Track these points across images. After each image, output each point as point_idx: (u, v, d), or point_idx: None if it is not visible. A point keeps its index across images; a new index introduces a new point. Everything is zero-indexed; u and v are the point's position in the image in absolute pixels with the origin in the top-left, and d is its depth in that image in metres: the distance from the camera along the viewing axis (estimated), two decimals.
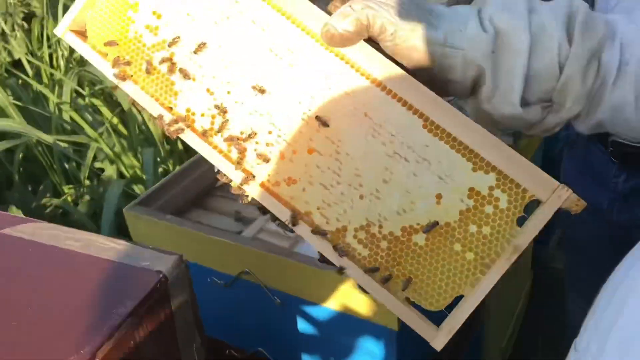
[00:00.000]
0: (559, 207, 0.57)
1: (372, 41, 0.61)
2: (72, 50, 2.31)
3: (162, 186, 1.26)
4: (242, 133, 0.62)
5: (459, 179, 0.59)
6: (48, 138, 1.60)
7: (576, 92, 0.61)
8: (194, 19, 0.65)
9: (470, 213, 0.58)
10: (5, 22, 2.19)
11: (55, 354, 0.48)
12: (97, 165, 1.97)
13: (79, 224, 1.79)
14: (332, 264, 0.59)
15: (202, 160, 1.37)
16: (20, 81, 2.14)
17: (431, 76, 0.61)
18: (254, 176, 0.61)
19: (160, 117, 0.63)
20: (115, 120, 1.89)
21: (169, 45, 0.64)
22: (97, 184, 1.96)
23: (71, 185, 1.94)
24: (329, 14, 0.62)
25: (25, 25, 2.41)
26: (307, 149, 0.61)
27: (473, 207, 0.58)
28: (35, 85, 1.95)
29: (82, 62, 2.27)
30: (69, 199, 1.88)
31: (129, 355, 0.51)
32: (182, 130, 0.62)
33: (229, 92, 0.63)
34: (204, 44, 0.64)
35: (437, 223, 0.58)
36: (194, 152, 0.67)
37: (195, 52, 0.64)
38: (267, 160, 0.61)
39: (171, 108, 0.63)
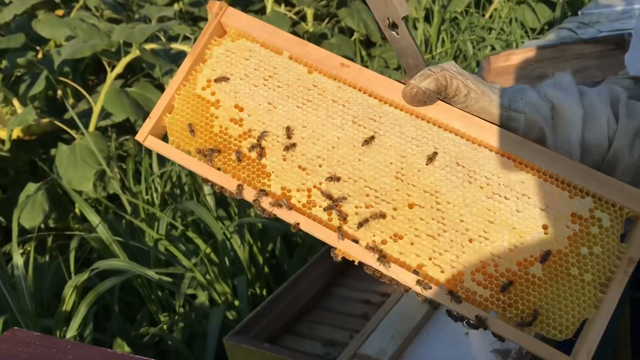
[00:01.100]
0: None
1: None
2: (165, 185, 2.51)
3: (257, 314, 1.32)
4: (339, 199, 0.67)
5: (559, 207, 0.62)
6: (152, 274, 1.72)
7: (625, 164, 0.67)
8: (276, 107, 0.72)
9: (578, 237, 0.61)
10: (108, 164, 2.42)
11: None
12: (190, 291, 2.08)
13: (175, 350, 1.86)
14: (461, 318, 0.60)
15: (292, 287, 1.44)
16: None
17: None
18: (357, 240, 0.64)
19: (257, 201, 0.67)
20: (208, 250, 2.01)
21: (258, 140, 0.70)
22: (189, 309, 2.06)
23: (166, 313, 2.04)
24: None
25: (123, 165, 2.64)
26: (407, 204, 0.65)
27: (579, 231, 0.61)
28: (135, 221, 2.12)
29: (174, 196, 2.45)
30: (165, 327, 1.97)
31: None
32: (281, 206, 0.66)
33: (320, 166, 0.69)
34: (291, 127, 0.70)
35: (549, 252, 0.60)
36: (281, 277, 0.70)
37: (283, 136, 0.70)
38: (369, 221, 0.64)
39: (266, 190, 0.68)
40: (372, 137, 0.69)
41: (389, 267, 0.62)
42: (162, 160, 2.51)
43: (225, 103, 0.74)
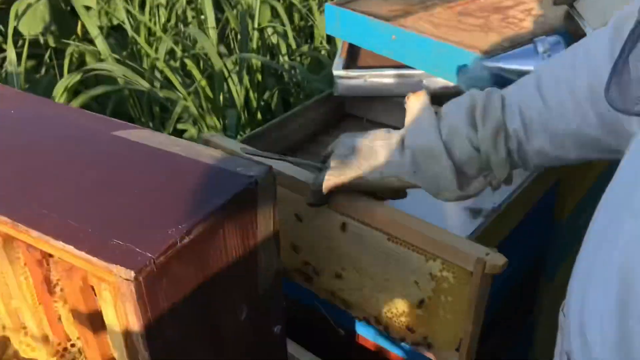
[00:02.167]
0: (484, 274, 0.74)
1: None
2: (169, 17, 2.44)
3: (245, 140, 1.33)
4: None
5: (422, 269, 0.79)
6: (145, 84, 1.71)
7: (496, 162, 0.78)
8: None
9: (438, 290, 0.79)
10: None
11: (156, 225, 0.54)
12: (180, 126, 2.08)
13: None
14: None
15: (280, 126, 1.44)
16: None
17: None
18: None
19: None
20: (203, 82, 1.99)
21: None
22: None
23: None
24: None
25: None
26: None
27: (437, 285, 0.79)
28: (135, 37, 2.07)
29: (177, 26, 2.39)
30: None
31: (217, 242, 0.58)
32: None
33: None
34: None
35: (423, 299, 0.81)
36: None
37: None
38: None
39: None
40: None
41: None
42: None
43: None
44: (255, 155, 0.89)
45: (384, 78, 1.47)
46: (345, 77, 1.51)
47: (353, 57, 1.56)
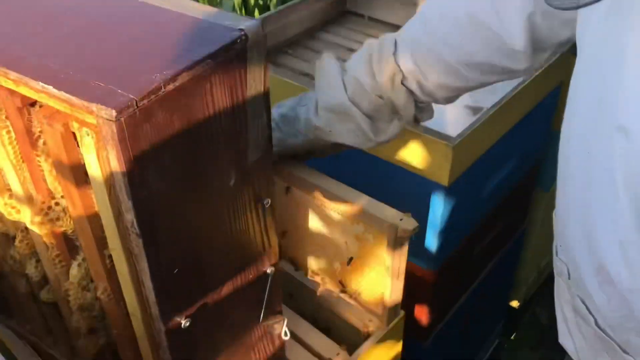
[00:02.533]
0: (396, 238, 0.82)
1: None
2: None
3: None
4: None
5: (349, 231, 0.88)
6: None
7: (399, 104, 0.81)
8: None
9: (362, 248, 0.88)
10: None
11: (140, 71, 0.52)
12: None
13: None
14: None
15: (278, 17, 1.39)
16: None
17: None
18: None
19: None
20: None
21: None
22: None
23: None
24: None
25: None
26: None
27: (362, 245, 0.88)
28: None
29: None
30: None
31: (203, 96, 0.55)
32: None
33: None
34: None
35: (351, 258, 0.90)
36: None
37: None
38: None
39: None
40: None
41: None
42: None
43: None
44: None
45: None
46: None
47: None
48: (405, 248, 0.86)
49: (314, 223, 0.93)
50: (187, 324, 0.65)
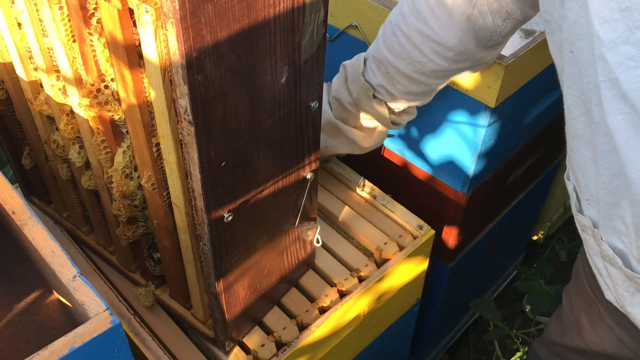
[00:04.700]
0: None
1: None
2: None
3: None
4: None
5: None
6: None
7: (376, 116, 0.92)
8: None
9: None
10: None
11: None
12: None
13: None
14: None
15: None
16: None
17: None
18: None
19: None
20: None
21: None
22: None
23: None
24: None
25: None
26: None
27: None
28: None
29: None
30: None
31: None
32: None
33: None
34: None
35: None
36: None
37: None
38: None
39: None
40: None
41: None
42: None
43: None
44: None
45: None
46: None
47: None
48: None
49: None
50: (230, 218, 0.66)
